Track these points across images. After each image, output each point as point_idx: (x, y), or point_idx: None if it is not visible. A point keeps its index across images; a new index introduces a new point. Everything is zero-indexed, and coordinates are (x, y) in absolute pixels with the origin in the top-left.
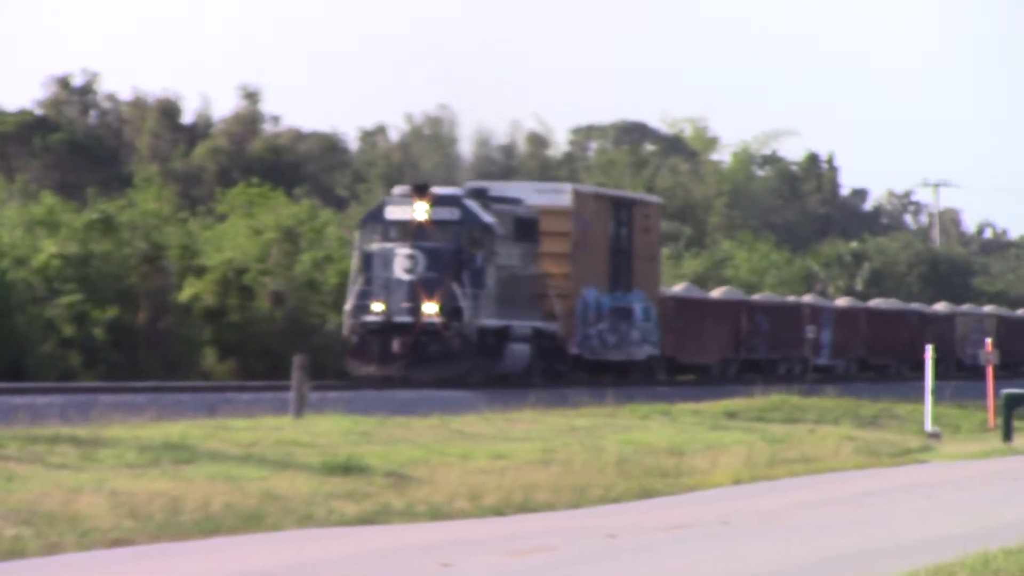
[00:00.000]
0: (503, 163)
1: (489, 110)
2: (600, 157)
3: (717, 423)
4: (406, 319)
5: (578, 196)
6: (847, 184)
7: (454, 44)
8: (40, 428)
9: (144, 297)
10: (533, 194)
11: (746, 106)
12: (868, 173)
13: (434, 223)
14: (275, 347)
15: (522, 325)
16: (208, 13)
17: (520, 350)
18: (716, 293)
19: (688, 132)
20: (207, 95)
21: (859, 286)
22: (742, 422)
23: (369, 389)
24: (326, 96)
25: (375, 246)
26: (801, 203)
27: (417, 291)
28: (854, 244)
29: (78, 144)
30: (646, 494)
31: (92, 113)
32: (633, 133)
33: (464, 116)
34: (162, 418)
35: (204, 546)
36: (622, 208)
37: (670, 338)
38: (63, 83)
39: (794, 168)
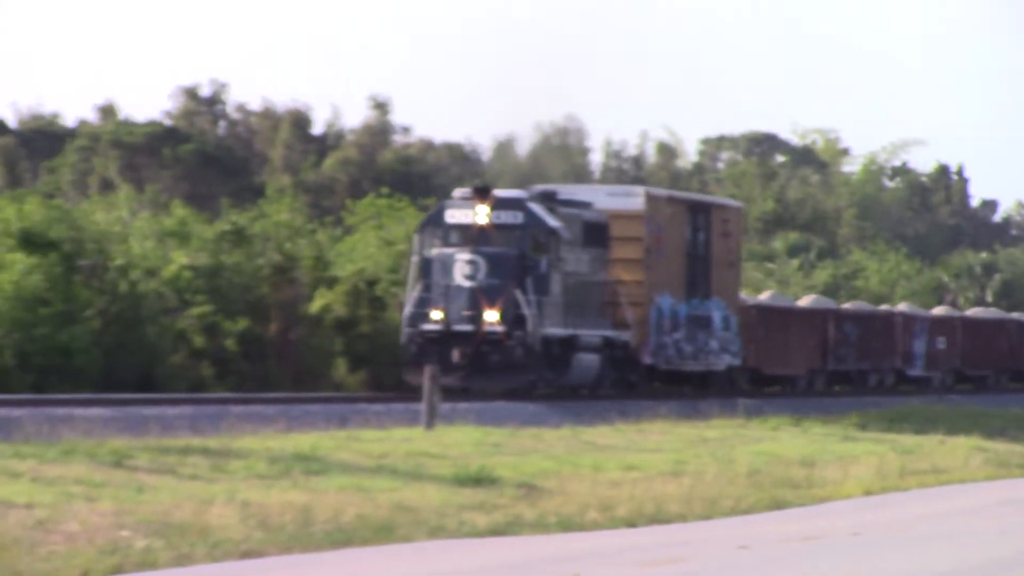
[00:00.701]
0: (633, 173)
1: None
2: (730, 169)
3: (847, 434)
4: (466, 327)
5: (651, 199)
6: (977, 195)
7: (582, 53)
8: (171, 439)
9: (275, 308)
10: (604, 197)
11: (875, 117)
12: (998, 184)
13: (496, 227)
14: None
15: (591, 334)
16: (337, 23)
17: (588, 360)
18: (804, 302)
19: (819, 143)
20: (337, 106)
21: (989, 297)
22: (872, 433)
23: (500, 400)
24: (456, 106)
25: (434, 251)
26: (931, 214)
27: (478, 298)
28: (984, 255)
29: (208, 155)
30: (777, 505)
31: (221, 124)
32: (763, 144)
33: (593, 126)
34: (293, 429)
35: (335, 557)
36: (699, 212)
37: (752, 348)
38: (192, 94)
39: (924, 179)
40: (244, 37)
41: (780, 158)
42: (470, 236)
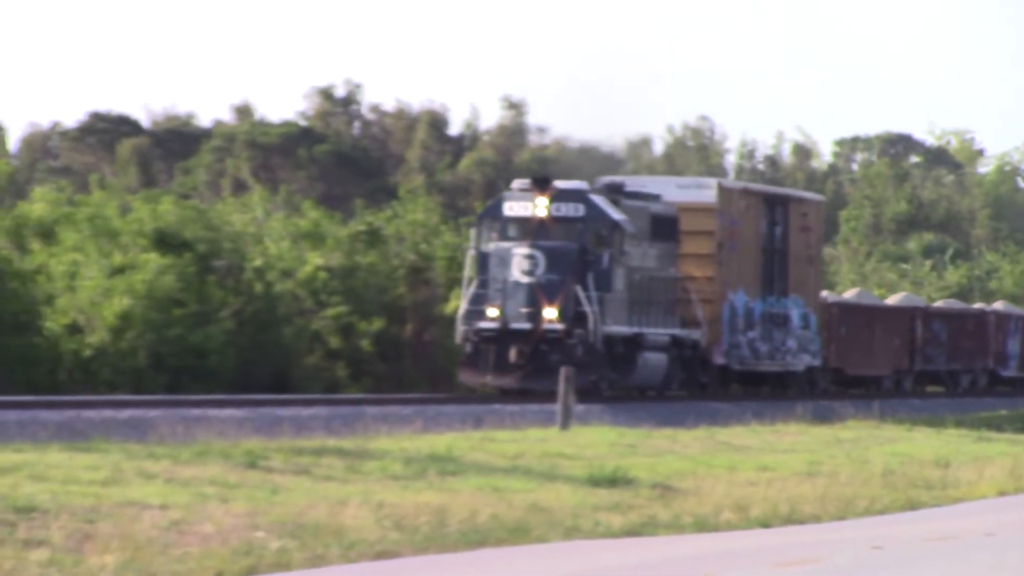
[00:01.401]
0: (768, 174)
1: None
2: (864, 169)
3: (982, 435)
4: (524, 325)
5: (724, 192)
6: None
7: (718, 55)
8: (305, 440)
9: (410, 309)
10: (674, 190)
11: (1010, 117)
12: None
13: (556, 220)
14: None
15: (658, 333)
16: (471, 24)
17: (655, 360)
18: (892, 300)
19: (952, 144)
20: (474, 106)
21: None
22: (1007, 434)
23: (635, 401)
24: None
25: (491, 245)
26: None
27: (537, 294)
28: None
29: (344, 155)
30: (911, 506)
31: (356, 125)
32: (898, 144)
33: (727, 127)
34: (428, 430)
35: (469, 558)
36: (776, 205)
37: (834, 348)
38: (326, 94)
39: None
40: (379, 38)
41: (914, 159)
42: (529, 229)
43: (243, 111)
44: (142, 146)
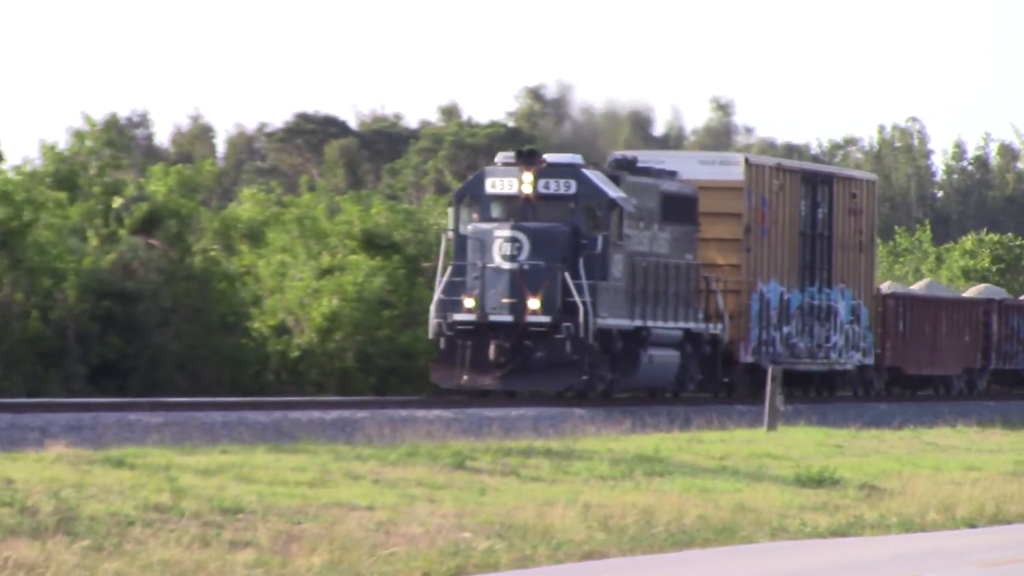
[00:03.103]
0: (979, 175)
1: (963, 122)
2: None
3: None
4: (505, 318)
5: (752, 168)
6: None
7: (926, 55)
8: (513, 441)
9: None
10: (695, 166)
11: None
12: None
13: (544, 198)
14: None
15: (667, 327)
16: (679, 23)
17: (664, 358)
18: (971, 292)
19: None
20: (678, 107)
21: None
22: None
23: (842, 402)
24: (798, 107)
25: (470, 227)
26: None
27: (520, 283)
28: None
29: None
30: None
31: (566, 124)
32: None
33: (934, 128)
34: (636, 431)
35: (676, 558)
36: (817, 185)
37: (889, 344)
38: (536, 94)
39: None
40: (590, 38)
41: None
42: (513, 209)
43: (450, 112)
44: (349, 147)
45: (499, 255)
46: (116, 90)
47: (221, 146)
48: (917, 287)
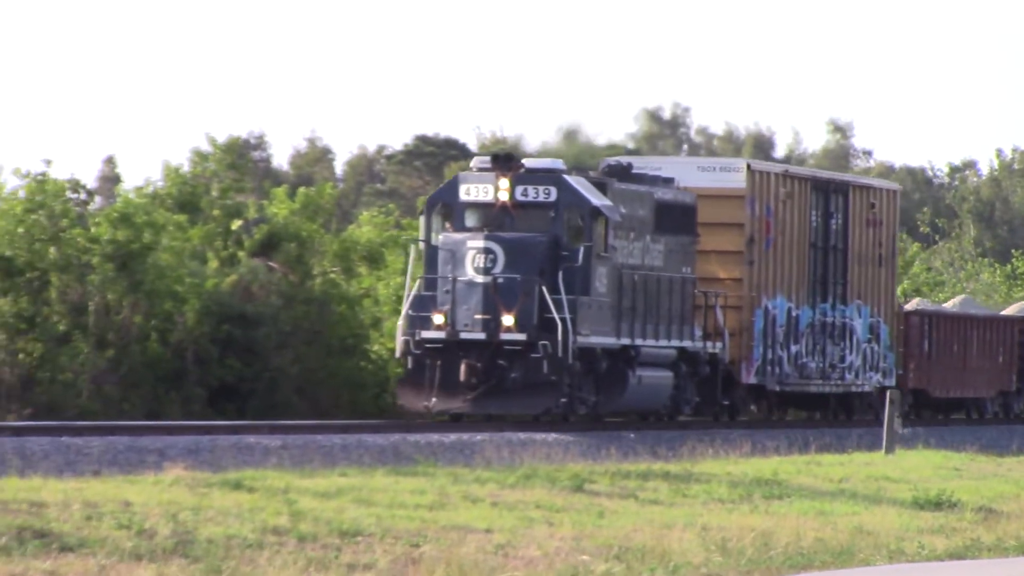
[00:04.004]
0: None
1: None
2: None
3: None
4: (477, 335)
5: (756, 175)
6: None
7: None
8: (630, 464)
9: None
10: (695, 173)
11: None
12: None
13: (521, 206)
14: None
15: (659, 346)
16: (799, 47)
17: (655, 379)
18: (1011, 310)
19: None
20: (798, 129)
21: None
22: None
23: (958, 425)
24: (916, 130)
25: (441, 236)
26: None
27: (493, 297)
28: None
29: None
30: None
31: (684, 147)
32: None
33: None
34: (755, 454)
35: None
36: (830, 193)
37: (913, 365)
38: (654, 116)
39: None
40: (708, 60)
41: None
42: (488, 218)
43: (569, 134)
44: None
45: (472, 267)
46: (234, 112)
47: (340, 168)
48: (950, 304)
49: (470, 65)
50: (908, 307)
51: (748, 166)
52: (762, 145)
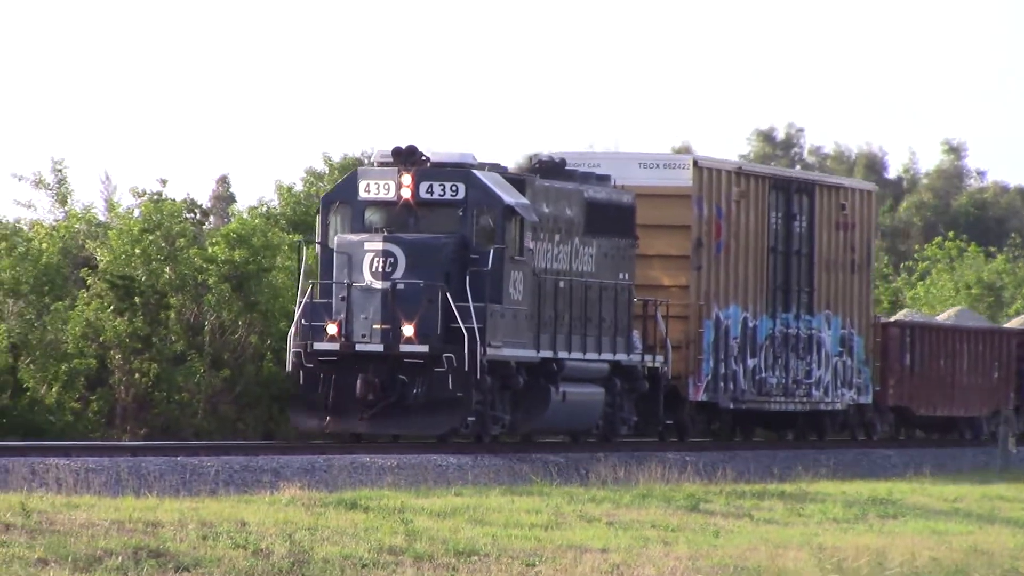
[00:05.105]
0: None
1: None
2: None
3: None
4: (375, 347)
5: (704, 172)
6: None
7: None
8: (745, 484)
9: None
10: (634, 169)
11: None
12: None
13: (425, 204)
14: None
15: (587, 359)
16: (909, 65)
17: (582, 396)
18: (1015, 322)
19: None
20: (913, 149)
21: None
22: None
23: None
24: None
25: (336, 238)
26: None
27: (392, 305)
28: None
29: None
30: None
31: (796, 168)
32: None
33: None
34: (871, 475)
35: None
36: (793, 193)
37: (893, 380)
38: (766, 137)
39: None
40: (820, 82)
41: None
42: (390, 217)
43: (682, 152)
44: None
45: (369, 272)
46: (348, 130)
47: None
48: (944, 316)
49: (582, 82)
50: (887, 319)
51: (695, 162)
52: (873, 165)
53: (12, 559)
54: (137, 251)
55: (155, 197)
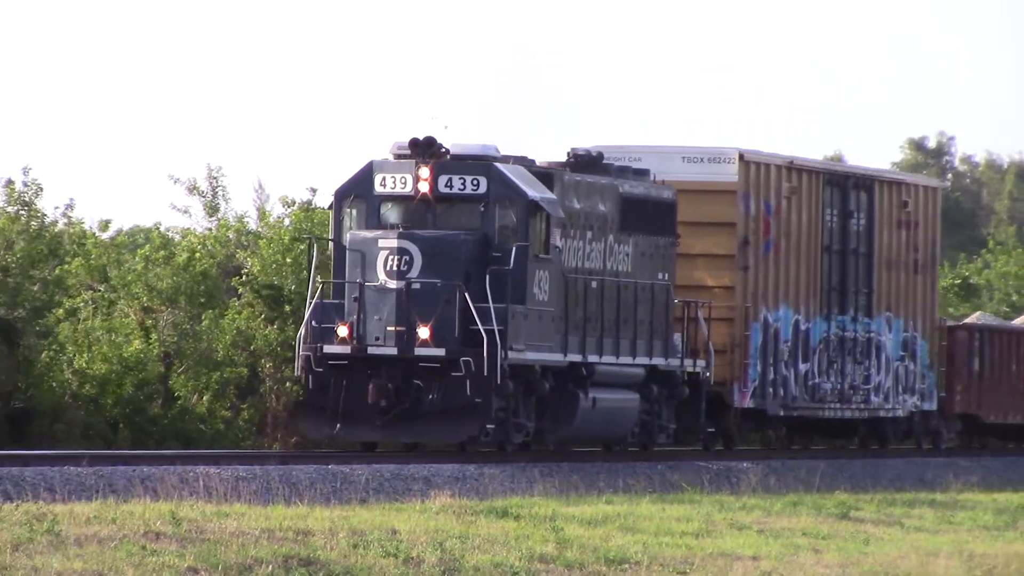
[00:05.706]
0: None
1: None
2: None
3: None
4: (389, 350)
5: (751, 167)
6: None
7: None
8: (897, 492)
9: None
10: (677, 164)
11: None
12: None
13: (445, 199)
14: None
15: (621, 364)
16: None
17: (615, 403)
18: None
19: None
20: None
21: None
22: None
23: None
24: None
25: (349, 234)
26: None
27: (407, 306)
28: None
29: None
30: None
31: (947, 176)
32: None
33: None
34: (1021, 485)
35: None
36: (850, 189)
37: (960, 386)
38: (917, 146)
39: None
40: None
41: None
42: (407, 213)
43: (833, 161)
44: None
45: (384, 271)
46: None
47: None
48: (1021, 320)
49: (737, 94)
50: (954, 322)
51: (741, 156)
52: None
53: (163, 568)
54: (288, 260)
55: (305, 206)
